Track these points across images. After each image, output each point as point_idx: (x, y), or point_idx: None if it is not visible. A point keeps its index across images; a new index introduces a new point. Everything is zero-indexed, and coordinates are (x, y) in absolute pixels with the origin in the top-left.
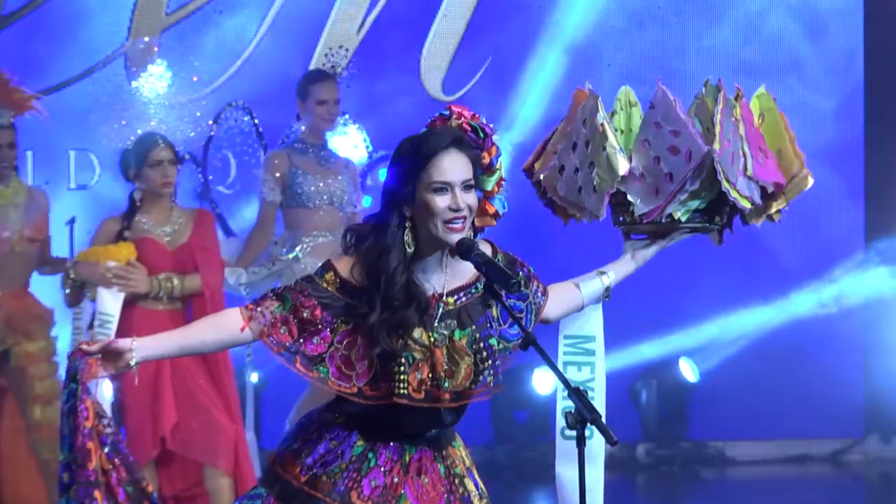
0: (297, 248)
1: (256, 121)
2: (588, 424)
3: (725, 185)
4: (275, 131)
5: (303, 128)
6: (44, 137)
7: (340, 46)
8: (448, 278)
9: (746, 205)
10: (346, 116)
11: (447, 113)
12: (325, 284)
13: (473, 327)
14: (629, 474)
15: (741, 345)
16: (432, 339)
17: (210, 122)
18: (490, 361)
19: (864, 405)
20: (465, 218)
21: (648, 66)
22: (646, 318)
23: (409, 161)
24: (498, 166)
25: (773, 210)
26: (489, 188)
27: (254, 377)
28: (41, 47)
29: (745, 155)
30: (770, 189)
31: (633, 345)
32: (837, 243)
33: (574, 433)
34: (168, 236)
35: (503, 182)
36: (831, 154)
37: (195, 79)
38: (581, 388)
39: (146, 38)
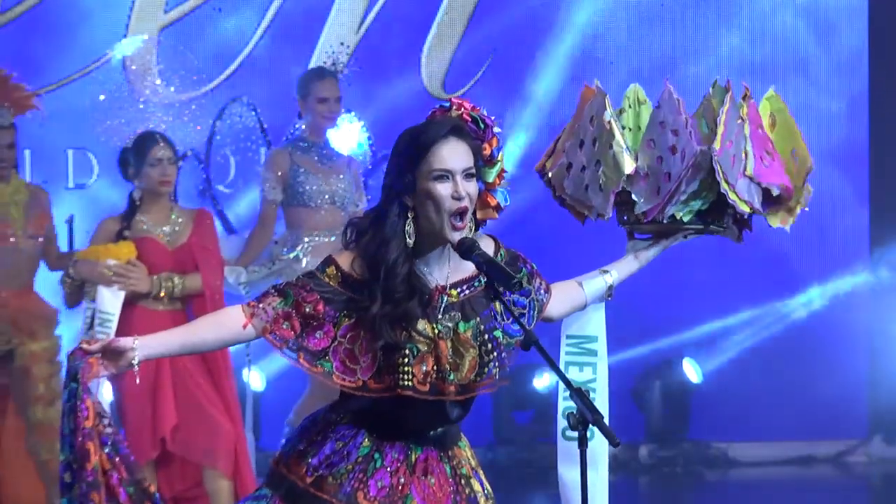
0: (298, 248)
1: (257, 116)
2: (590, 426)
3: (724, 186)
4: (275, 130)
5: (304, 126)
6: (42, 136)
7: (341, 43)
8: (451, 271)
9: (745, 209)
10: (353, 114)
11: (447, 105)
12: (326, 279)
13: (478, 319)
14: (632, 475)
15: (744, 345)
16: (437, 331)
17: (210, 121)
18: (495, 354)
19: (868, 406)
20: (466, 209)
21: (653, 66)
22: (648, 319)
23: (409, 151)
24: (499, 158)
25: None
26: (490, 180)
27: (254, 380)
28: (39, 46)
29: (746, 155)
30: (775, 192)
31: (636, 345)
32: (842, 244)
33: (575, 434)
34: (168, 236)
35: (505, 174)
36: (838, 156)
37: (195, 78)
38: (583, 388)
39: (145, 37)
